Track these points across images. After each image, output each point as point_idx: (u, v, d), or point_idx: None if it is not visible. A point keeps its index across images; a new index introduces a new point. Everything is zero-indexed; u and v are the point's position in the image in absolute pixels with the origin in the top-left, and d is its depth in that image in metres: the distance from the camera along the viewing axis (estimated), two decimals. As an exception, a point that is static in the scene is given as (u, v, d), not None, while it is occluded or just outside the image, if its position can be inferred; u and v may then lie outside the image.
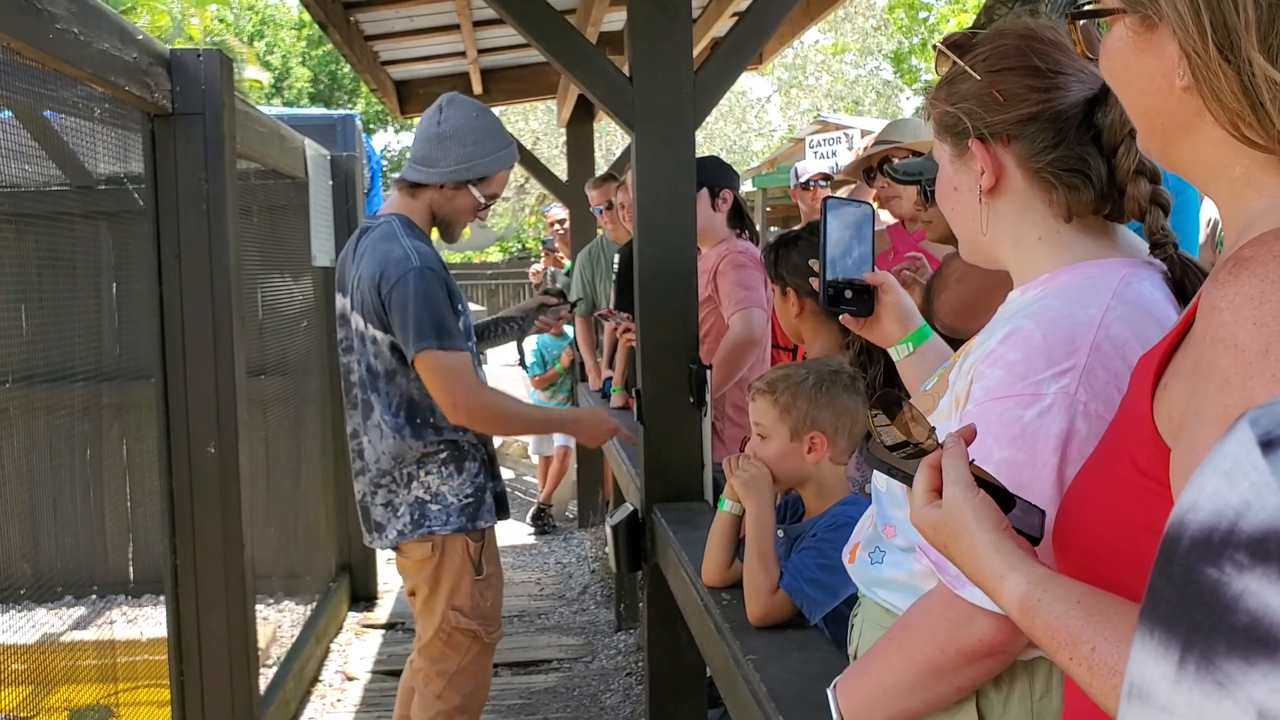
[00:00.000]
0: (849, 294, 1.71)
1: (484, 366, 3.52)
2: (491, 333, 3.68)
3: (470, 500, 3.10)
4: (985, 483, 1.09)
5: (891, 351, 1.74)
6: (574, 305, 3.58)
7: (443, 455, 3.09)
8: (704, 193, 3.92)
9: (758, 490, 2.23)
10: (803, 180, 5.67)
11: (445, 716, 3.22)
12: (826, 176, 5.72)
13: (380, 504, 3.15)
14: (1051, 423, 1.21)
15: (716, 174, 4.05)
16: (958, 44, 1.39)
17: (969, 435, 1.13)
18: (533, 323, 3.74)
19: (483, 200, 3.13)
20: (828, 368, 2.26)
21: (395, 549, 3.20)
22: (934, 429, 1.14)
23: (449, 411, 3.00)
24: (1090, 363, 1.21)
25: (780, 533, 2.27)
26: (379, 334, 3.03)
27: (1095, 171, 1.32)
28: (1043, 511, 1.11)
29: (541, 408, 3.30)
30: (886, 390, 1.17)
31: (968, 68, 1.35)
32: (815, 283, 1.74)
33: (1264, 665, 0.47)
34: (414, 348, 2.93)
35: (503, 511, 3.23)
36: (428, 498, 3.09)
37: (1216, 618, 0.49)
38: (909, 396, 1.19)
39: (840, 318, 1.76)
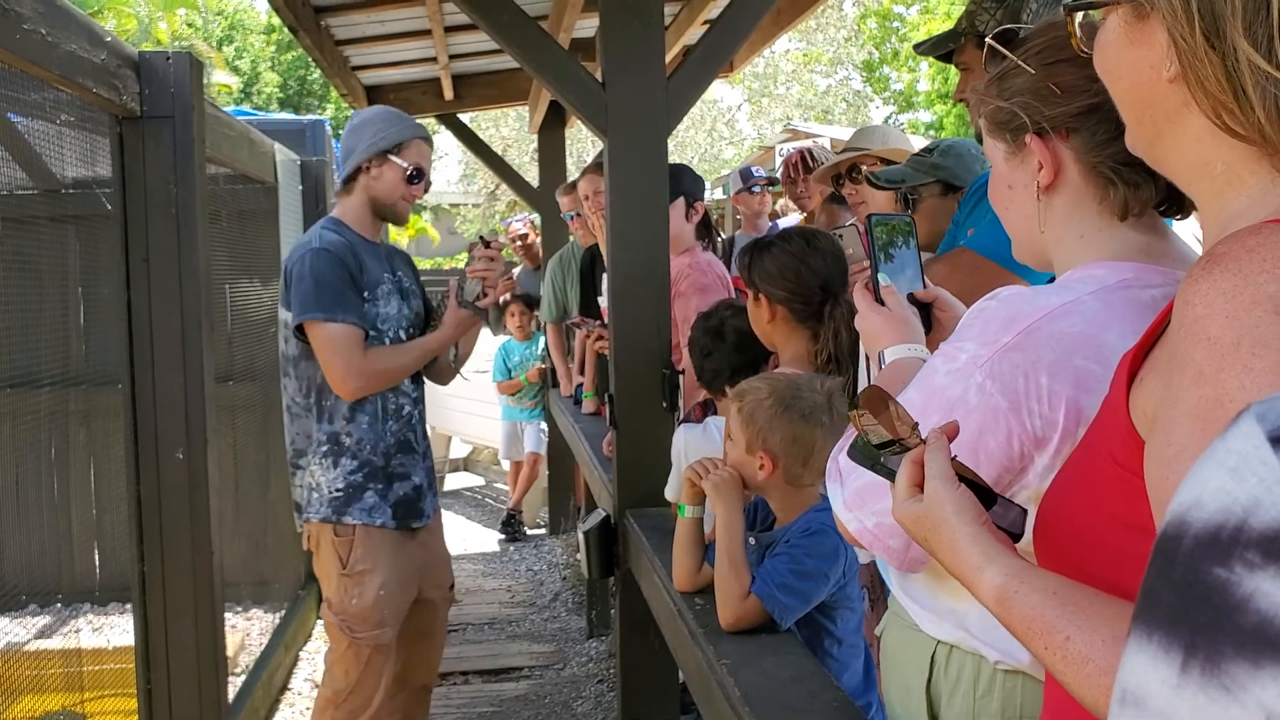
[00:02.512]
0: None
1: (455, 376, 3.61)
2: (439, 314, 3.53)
3: (339, 494, 3.18)
4: (967, 480, 1.10)
5: None
6: (489, 243, 3.47)
7: (324, 448, 3.20)
8: (680, 201, 3.92)
9: (727, 495, 2.23)
10: (749, 184, 5.69)
11: (322, 703, 3.31)
12: (772, 181, 5.75)
13: (294, 486, 3.34)
14: (949, 384, 1.28)
15: (691, 184, 4.06)
16: (1007, 39, 1.37)
17: (952, 431, 1.15)
18: (466, 276, 3.51)
19: (406, 166, 3.23)
20: (792, 390, 2.24)
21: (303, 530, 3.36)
22: (917, 425, 1.15)
23: (335, 383, 3.12)
24: (1012, 343, 1.24)
25: (751, 540, 2.27)
26: (287, 315, 3.17)
27: None
28: (1023, 510, 1.12)
29: (416, 341, 3.29)
30: (872, 387, 1.16)
31: (1020, 62, 1.33)
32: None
33: (1273, 668, 0.45)
34: (297, 317, 3.09)
35: (406, 518, 3.25)
36: (313, 485, 3.23)
37: (1224, 619, 0.47)
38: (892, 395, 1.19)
39: None
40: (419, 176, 3.28)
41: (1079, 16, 1.06)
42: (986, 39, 1.39)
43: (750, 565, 2.21)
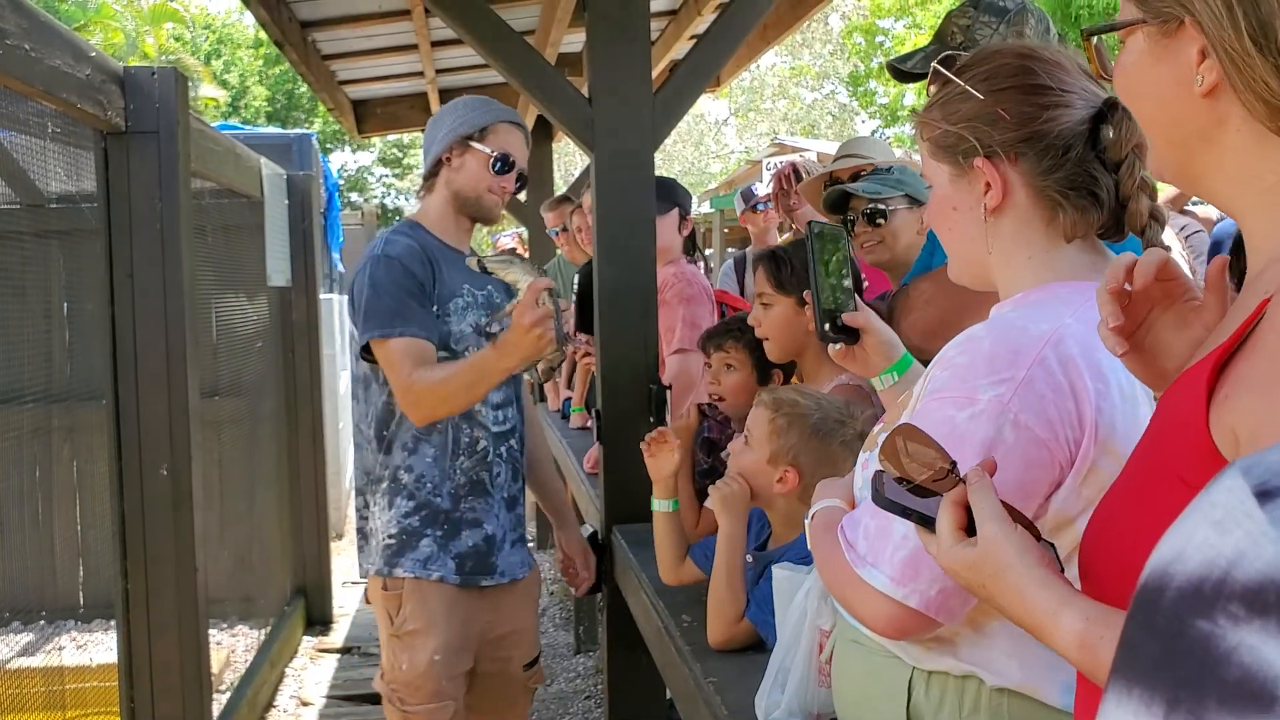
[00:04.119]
0: (838, 323, 1.69)
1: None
2: None
3: (392, 542, 2.78)
4: (1011, 513, 1.04)
5: (875, 381, 1.74)
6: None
7: (384, 485, 2.81)
8: (675, 212, 3.96)
9: (734, 508, 2.20)
10: (752, 204, 5.66)
11: None
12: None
13: (356, 526, 2.95)
14: (979, 427, 1.24)
15: (685, 198, 4.10)
16: (950, 64, 1.40)
17: (991, 467, 1.09)
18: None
19: (491, 154, 2.82)
20: (837, 416, 2.17)
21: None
22: (955, 464, 1.08)
23: (402, 407, 2.72)
24: (1030, 375, 1.24)
25: (749, 558, 2.25)
26: (355, 331, 2.79)
27: (1105, 188, 1.35)
28: (1053, 545, 1.06)
29: (466, 360, 2.68)
30: (902, 425, 1.12)
31: (968, 87, 1.36)
32: (809, 311, 1.72)
33: None
34: (361, 336, 2.71)
35: (474, 574, 2.80)
36: (372, 530, 2.86)
37: (1207, 672, 0.46)
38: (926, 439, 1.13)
39: (830, 348, 1.73)
40: (508, 165, 2.84)
41: (1095, 40, 1.06)
42: (932, 64, 1.41)
43: (745, 584, 2.19)
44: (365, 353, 2.73)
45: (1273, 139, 0.88)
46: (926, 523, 1.08)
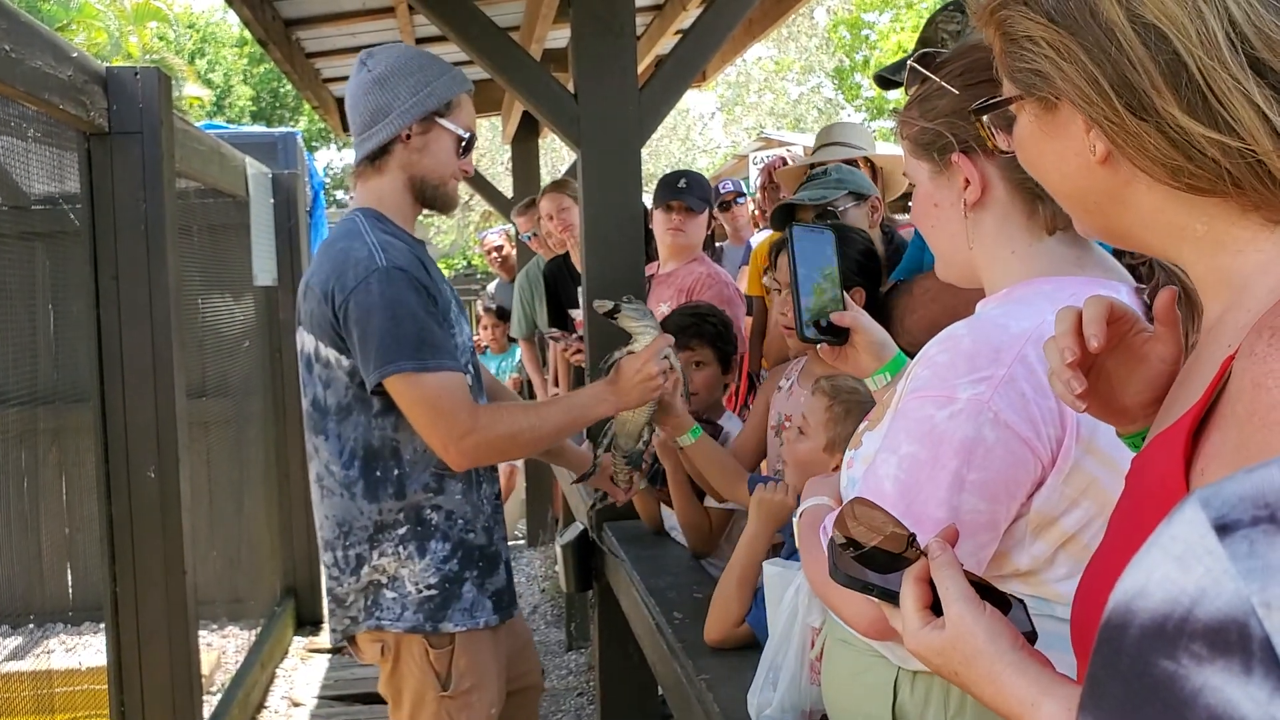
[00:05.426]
0: (824, 323, 1.65)
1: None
2: None
3: (433, 593, 2.40)
4: (979, 588, 0.97)
5: (869, 381, 1.72)
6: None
7: (402, 530, 2.39)
8: (707, 212, 4.02)
9: (769, 515, 2.20)
10: (718, 201, 5.66)
11: None
12: (741, 193, 5.76)
13: (325, 586, 2.56)
14: (959, 427, 1.23)
15: (712, 195, 4.16)
16: (928, 62, 1.40)
17: (952, 537, 1.03)
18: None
19: (461, 133, 2.47)
20: None
21: (350, 639, 2.53)
22: (914, 535, 1.03)
23: (445, 454, 2.33)
24: (1011, 373, 1.23)
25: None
26: (334, 354, 2.35)
27: None
28: (1023, 603, 1.01)
29: (560, 400, 2.67)
30: (856, 499, 1.08)
31: (944, 83, 1.35)
32: (790, 315, 1.71)
33: None
34: (378, 371, 2.27)
35: (503, 611, 2.50)
36: (384, 581, 2.42)
37: (1173, 714, 0.46)
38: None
39: (820, 349, 1.70)
40: (472, 144, 2.51)
41: (987, 118, 1.04)
42: (909, 62, 1.40)
43: (755, 587, 2.18)
44: (376, 390, 2.33)
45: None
46: (889, 598, 1.01)
